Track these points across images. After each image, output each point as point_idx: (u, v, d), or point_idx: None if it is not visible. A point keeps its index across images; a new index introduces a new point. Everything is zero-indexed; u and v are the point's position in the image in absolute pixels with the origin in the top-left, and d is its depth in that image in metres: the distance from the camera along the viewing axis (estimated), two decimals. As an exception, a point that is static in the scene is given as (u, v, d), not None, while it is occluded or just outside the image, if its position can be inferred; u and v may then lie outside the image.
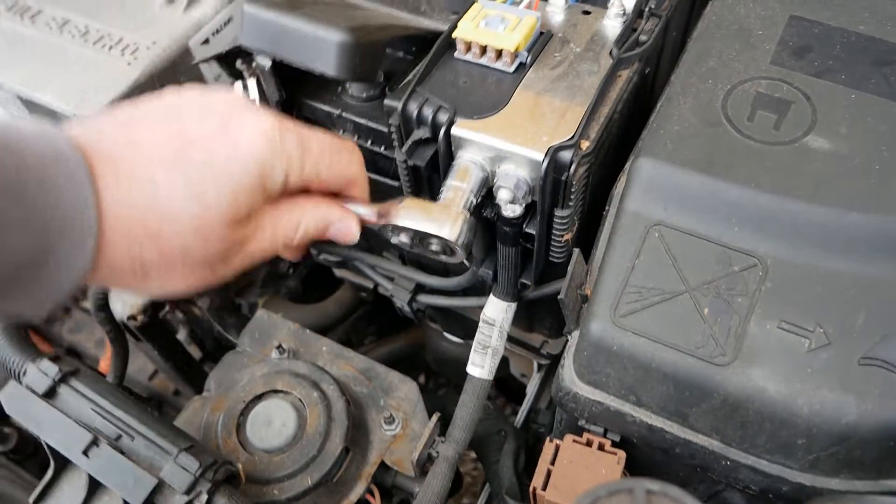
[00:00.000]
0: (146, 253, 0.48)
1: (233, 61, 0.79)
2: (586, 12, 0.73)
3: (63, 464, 0.70)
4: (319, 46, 0.63)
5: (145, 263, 0.49)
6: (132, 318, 0.87)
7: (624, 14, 0.71)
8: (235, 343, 0.96)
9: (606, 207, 0.67)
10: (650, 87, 0.79)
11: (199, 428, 0.81)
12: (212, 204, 0.49)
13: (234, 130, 0.51)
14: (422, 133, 0.67)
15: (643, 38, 0.70)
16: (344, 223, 0.59)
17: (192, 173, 0.49)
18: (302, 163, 0.54)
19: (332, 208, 0.59)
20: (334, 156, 0.57)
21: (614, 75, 0.68)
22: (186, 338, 1.03)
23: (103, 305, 0.79)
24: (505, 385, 1.29)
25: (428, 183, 0.73)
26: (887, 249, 0.58)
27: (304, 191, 0.57)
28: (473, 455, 1.50)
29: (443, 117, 0.66)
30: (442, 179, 0.68)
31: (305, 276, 1.12)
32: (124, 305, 0.87)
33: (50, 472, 0.70)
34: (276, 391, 0.80)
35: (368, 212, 0.61)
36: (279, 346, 0.86)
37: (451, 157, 0.68)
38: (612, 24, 0.71)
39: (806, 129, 0.63)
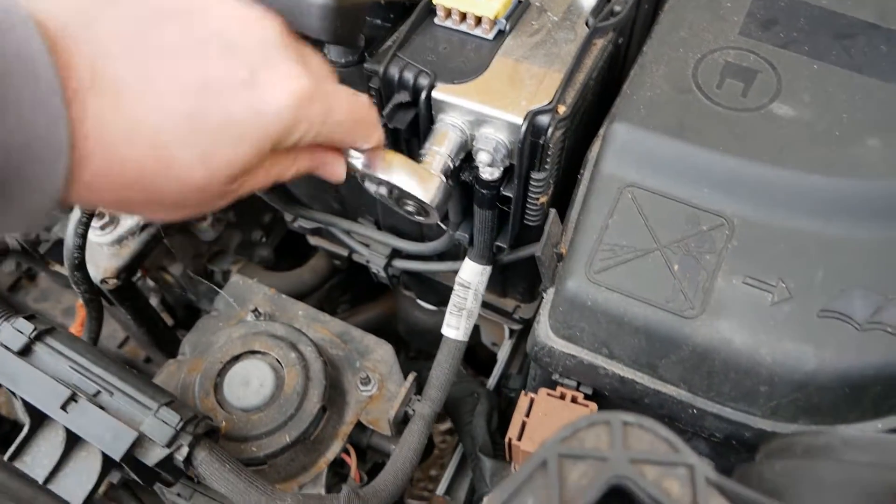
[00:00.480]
0: (135, 196, 0.44)
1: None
2: (563, -18, 0.75)
3: (39, 421, 0.70)
4: (303, 9, 0.64)
5: (132, 204, 0.46)
6: (104, 281, 0.87)
7: (599, -16, 0.73)
8: (208, 310, 0.96)
9: (581, 170, 0.70)
10: (623, 57, 0.81)
11: (175, 389, 0.81)
12: (219, 167, 0.46)
13: (263, 85, 0.46)
14: (402, 97, 0.69)
15: (617, 8, 0.72)
16: (334, 164, 0.58)
17: (205, 137, 0.44)
18: (318, 131, 0.51)
19: (327, 152, 0.57)
20: (352, 126, 0.55)
21: (590, 44, 0.70)
22: (158, 305, 1.03)
23: (80, 265, 0.79)
24: (473, 356, 1.32)
25: (406, 145, 0.74)
26: (845, 210, 0.61)
27: None
28: (443, 427, 1.52)
29: (423, 81, 0.68)
30: (421, 142, 0.69)
31: (278, 245, 1.12)
32: (97, 269, 0.87)
33: (25, 430, 0.70)
34: (253, 352, 0.81)
35: (357, 158, 0.62)
36: (255, 310, 0.87)
37: (431, 120, 0.69)
38: (587, -5, 0.73)
39: (771, 97, 0.66)
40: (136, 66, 0.42)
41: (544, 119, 0.65)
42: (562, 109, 0.66)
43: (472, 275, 0.80)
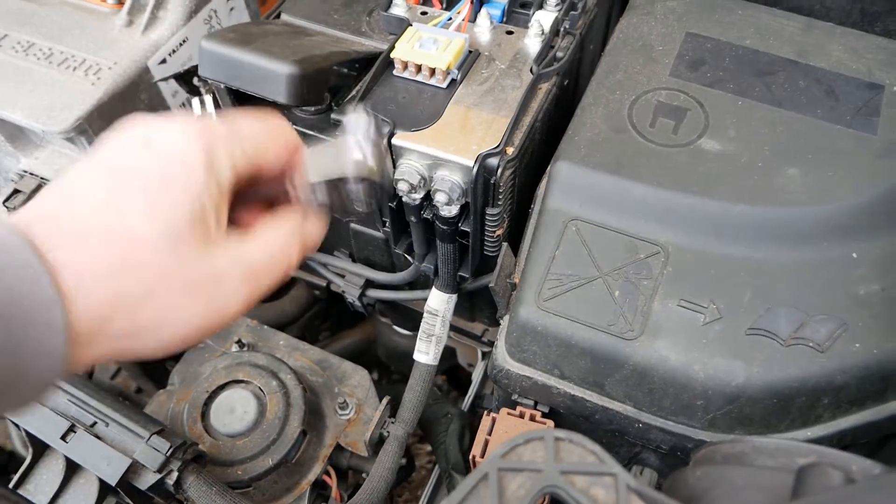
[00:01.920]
0: (126, 283, 0.45)
1: (190, 79, 0.85)
2: (509, 32, 0.81)
3: (40, 451, 0.75)
4: (271, 78, 0.70)
5: (128, 298, 0.46)
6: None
7: (542, 33, 0.79)
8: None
9: (531, 205, 0.76)
10: (572, 95, 0.87)
11: (165, 418, 0.87)
12: (170, 213, 0.47)
13: (157, 144, 0.49)
14: (365, 143, 0.75)
15: (560, 54, 0.79)
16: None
17: (137, 197, 0.47)
18: (242, 147, 0.52)
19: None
20: (270, 132, 0.55)
21: (535, 89, 0.76)
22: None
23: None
24: (456, 378, 1.37)
25: (372, 187, 0.80)
26: (769, 236, 0.67)
27: (257, 178, 0.55)
28: (428, 448, 1.57)
29: (384, 130, 0.74)
30: (385, 184, 0.75)
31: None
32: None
33: (28, 459, 0.75)
34: (237, 381, 0.86)
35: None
36: (239, 341, 0.93)
37: (392, 164, 0.75)
38: (532, 43, 0.79)
39: (700, 133, 0.72)
40: (59, 198, 0.47)
41: (494, 161, 0.71)
42: (510, 151, 0.72)
43: (438, 303, 0.85)
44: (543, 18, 0.81)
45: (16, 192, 0.89)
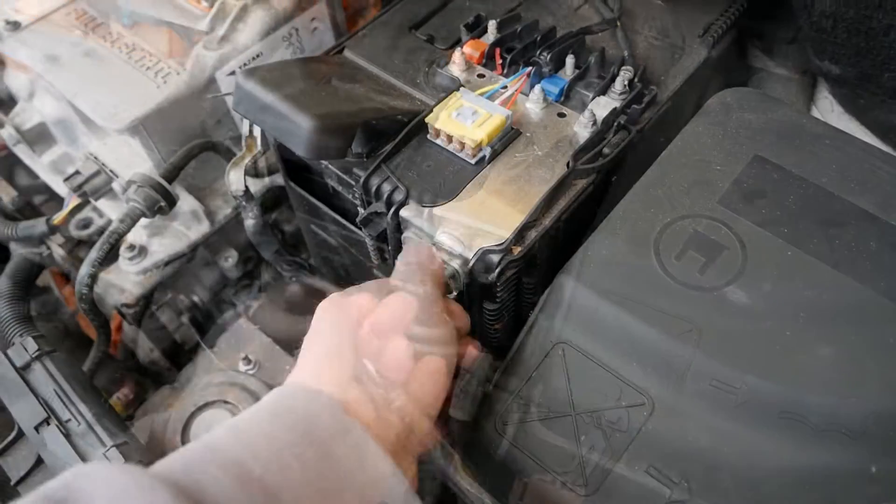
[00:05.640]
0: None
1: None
2: (561, 115, 0.75)
3: (22, 433, 0.79)
4: (292, 129, 0.67)
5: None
6: (126, 305, 0.95)
7: (594, 124, 0.72)
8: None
9: (531, 310, 0.69)
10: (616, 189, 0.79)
11: (159, 420, 0.89)
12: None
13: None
14: (377, 207, 0.72)
15: (607, 150, 0.71)
16: None
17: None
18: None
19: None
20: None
21: (566, 184, 0.69)
22: (188, 322, 1.10)
23: (86, 296, 0.88)
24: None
25: (378, 251, 0.77)
26: (771, 420, 0.57)
27: None
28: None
29: (397, 197, 0.70)
30: (390, 249, 0.72)
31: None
32: (122, 293, 0.96)
33: (14, 433, 0.79)
34: (225, 402, 0.87)
35: None
36: (246, 357, 0.93)
37: (399, 232, 0.72)
38: (581, 132, 0.72)
39: (729, 279, 0.62)
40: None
41: (494, 258, 0.65)
42: (516, 251, 0.66)
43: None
44: (600, 107, 0.73)
45: (77, 172, 0.93)
